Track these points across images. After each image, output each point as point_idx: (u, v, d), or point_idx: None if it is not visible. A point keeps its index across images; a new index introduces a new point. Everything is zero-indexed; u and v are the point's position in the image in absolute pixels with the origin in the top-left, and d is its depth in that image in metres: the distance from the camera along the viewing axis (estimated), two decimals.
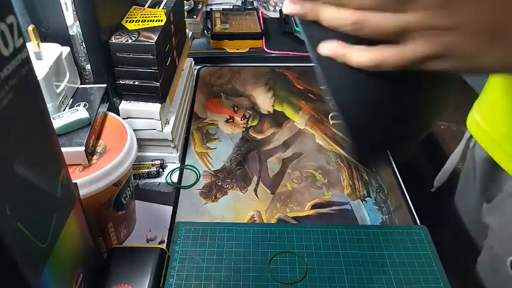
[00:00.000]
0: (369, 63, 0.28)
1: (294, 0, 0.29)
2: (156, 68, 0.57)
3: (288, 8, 0.30)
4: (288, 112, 0.79)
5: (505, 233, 0.54)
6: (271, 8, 1.16)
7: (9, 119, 0.27)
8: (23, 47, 0.27)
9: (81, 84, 0.56)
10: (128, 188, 0.51)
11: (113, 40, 0.55)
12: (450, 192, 0.78)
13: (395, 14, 0.27)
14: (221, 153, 0.70)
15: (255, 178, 0.65)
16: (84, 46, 0.54)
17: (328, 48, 0.29)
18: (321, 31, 0.29)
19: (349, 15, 0.27)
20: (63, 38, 0.53)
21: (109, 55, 0.56)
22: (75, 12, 0.51)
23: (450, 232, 0.73)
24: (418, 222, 0.59)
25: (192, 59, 0.83)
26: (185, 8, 0.96)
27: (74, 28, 0.52)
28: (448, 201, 0.78)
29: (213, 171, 0.66)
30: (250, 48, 0.97)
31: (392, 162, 0.69)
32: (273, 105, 0.81)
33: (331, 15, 0.28)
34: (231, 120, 0.77)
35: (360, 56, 0.28)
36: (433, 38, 0.27)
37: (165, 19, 0.60)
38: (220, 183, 0.64)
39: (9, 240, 0.27)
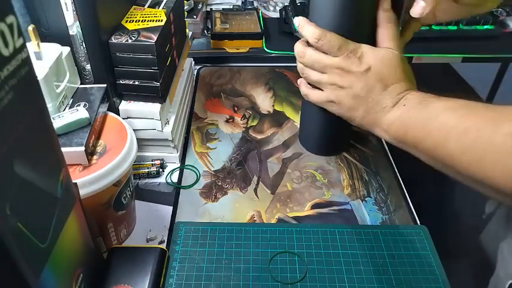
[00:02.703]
0: (304, 94, 0.55)
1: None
2: (156, 68, 0.57)
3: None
4: (288, 112, 0.79)
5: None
6: (271, 8, 1.16)
7: (9, 119, 0.27)
8: (23, 47, 0.27)
9: (81, 84, 0.56)
10: (128, 188, 0.51)
11: (113, 40, 0.55)
12: (450, 192, 0.78)
13: (319, 73, 0.50)
14: (221, 153, 0.70)
15: (255, 178, 0.65)
16: (84, 46, 0.54)
17: (300, 81, 0.57)
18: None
19: (300, 68, 0.54)
20: (63, 38, 0.53)
21: (109, 55, 0.56)
22: (75, 12, 0.51)
23: (450, 232, 0.73)
24: (418, 222, 0.59)
25: (192, 59, 0.83)
26: (185, 8, 0.96)
27: (74, 28, 0.52)
28: (448, 201, 0.78)
29: (213, 171, 0.66)
30: (250, 48, 0.97)
31: (392, 162, 0.69)
32: (273, 105, 0.81)
33: (300, 69, 0.55)
34: (231, 120, 0.77)
35: (303, 89, 0.56)
36: (331, 91, 0.49)
37: (165, 19, 0.60)
38: (220, 183, 0.64)
39: (9, 240, 0.27)
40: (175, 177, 0.65)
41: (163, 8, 0.64)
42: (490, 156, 0.36)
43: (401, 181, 0.65)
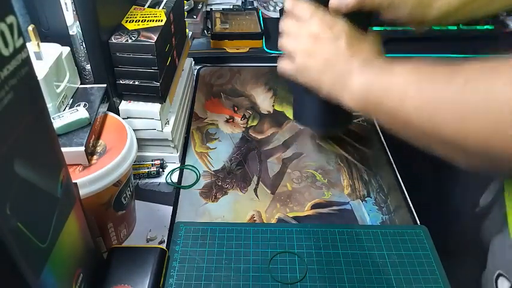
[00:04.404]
0: (279, 68, 0.54)
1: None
2: (156, 68, 0.57)
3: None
4: (288, 112, 0.79)
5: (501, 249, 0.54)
6: (271, 8, 1.16)
7: (9, 119, 0.27)
8: (23, 47, 0.27)
9: (81, 84, 0.56)
10: (128, 188, 0.51)
11: (113, 40, 0.55)
12: (450, 192, 0.78)
13: (295, 42, 0.51)
14: (221, 153, 0.70)
15: (255, 178, 0.65)
16: (84, 46, 0.54)
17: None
18: None
19: (280, 42, 0.54)
20: (63, 38, 0.53)
21: (109, 55, 0.56)
22: (75, 12, 0.51)
23: (450, 232, 0.73)
24: (418, 222, 0.59)
25: (192, 59, 0.83)
26: (185, 8, 0.96)
27: (74, 28, 0.52)
28: (447, 201, 0.78)
29: (213, 171, 0.66)
30: (250, 48, 0.97)
31: (393, 162, 0.69)
32: (273, 105, 0.81)
33: (280, 44, 0.54)
34: (231, 120, 0.77)
35: (279, 65, 0.54)
36: (303, 58, 0.50)
37: (165, 19, 0.60)
38: (220, 183, 0.64)
39: (9, 240, 0.27)
40: (175, 177, 0.65)
41: (163, 8, 0.64)
42: (443, 110, 0.37)
43: (401, 181, 0.65)
